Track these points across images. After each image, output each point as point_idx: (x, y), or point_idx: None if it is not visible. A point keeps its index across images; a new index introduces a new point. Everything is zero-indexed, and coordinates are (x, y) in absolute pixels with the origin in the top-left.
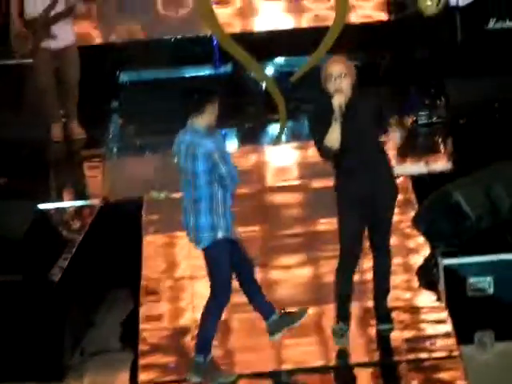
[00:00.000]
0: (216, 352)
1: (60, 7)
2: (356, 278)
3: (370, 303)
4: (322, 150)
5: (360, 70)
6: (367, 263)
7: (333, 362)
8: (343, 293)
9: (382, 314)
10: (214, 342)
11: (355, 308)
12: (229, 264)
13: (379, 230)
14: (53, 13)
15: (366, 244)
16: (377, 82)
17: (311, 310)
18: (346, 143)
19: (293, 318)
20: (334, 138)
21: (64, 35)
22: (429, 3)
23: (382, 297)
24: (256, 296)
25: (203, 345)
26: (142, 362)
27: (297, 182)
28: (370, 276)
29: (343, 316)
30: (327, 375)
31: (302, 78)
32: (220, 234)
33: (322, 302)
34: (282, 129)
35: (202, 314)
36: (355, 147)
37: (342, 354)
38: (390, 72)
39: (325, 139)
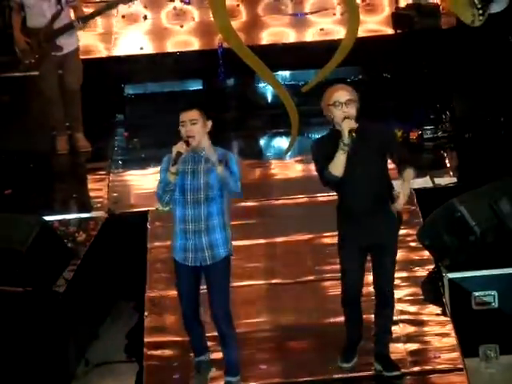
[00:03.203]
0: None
1: (64, 20)
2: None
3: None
4: (326, 178)
5: (366, 84)
6: None
7: (337, 375)
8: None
9: (387, 361)
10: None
11: None
12: None
13: (382, 269)
14: (56, 25)
15: None
16: (383, 96)
17: (315, 323)
18: (350, 172)
19: None
20: (338, 165)
21: (67, 43)
22: (472, 16)
23: (384, 342)
24: None
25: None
26: (146, 373)
27: (301, 196)
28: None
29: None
30: None
31: (309, 91)
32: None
33: (326, 316)
34: (293, 139)
35: None
36: (359, 178)
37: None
38: (396, 86)
39: (329, 167)
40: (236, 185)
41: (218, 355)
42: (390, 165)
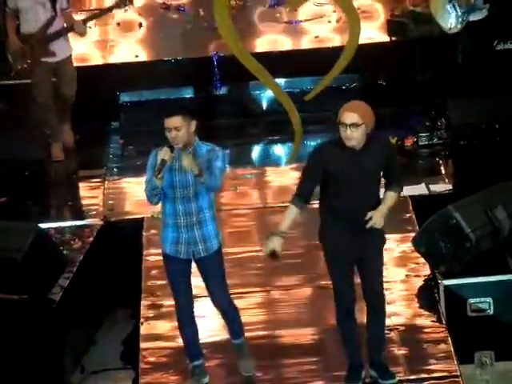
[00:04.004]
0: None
1: (57, 25)
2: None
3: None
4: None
5: (361, 91)
6: None
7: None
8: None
9: (382, 368)
10: None
11: None
12: None
13: (370, 278)
14: (50, 31)
15: None
16: (378, 103)
17: (312, 331)
18: (344, 185)
19: None
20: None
21: (61, 49)
22: (451, 23)
23: (378, 349)
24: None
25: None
26: (142, 380)
27: None
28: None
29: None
30: None
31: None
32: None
33: (322, 323)
34: (297, 146)
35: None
36: (353, 191)
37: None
38: (391, 93)
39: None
40: (216, 182)
41: (213, 362)
42: None
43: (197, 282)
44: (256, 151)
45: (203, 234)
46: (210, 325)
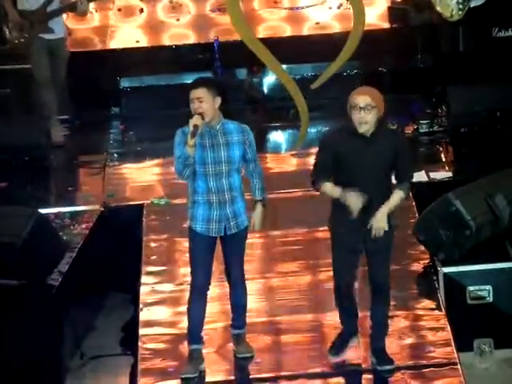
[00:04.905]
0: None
1: (54, 5)
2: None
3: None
4: (317, 190)
5: (362, 78)
6: None
7: (331, 369)
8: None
9: (381, 355)
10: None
11: None
12: None
13: (377, 266)
14: (50, 8)
15: None
16: (379, 90)
17: (310, 317)
18: (353, 173)
19: None
20: (328, 194)
21: (58, 28)
22: (451, 9)
23: (379, 336)
24: None
25: None
26: (141, 366)
27: (297, 190)
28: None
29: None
30: (326, 381)
31: (306, 86)
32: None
33: (322, 311)
34: (303, 132)
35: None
36: (362, 180)
37: (341, 361)
38: (392, 80)
39: (323, 187)
40: (260, 170)
41: (211, 349)
42: None
43: None
44: (256, 137)
45: (234, 210)
46: (209, 311)
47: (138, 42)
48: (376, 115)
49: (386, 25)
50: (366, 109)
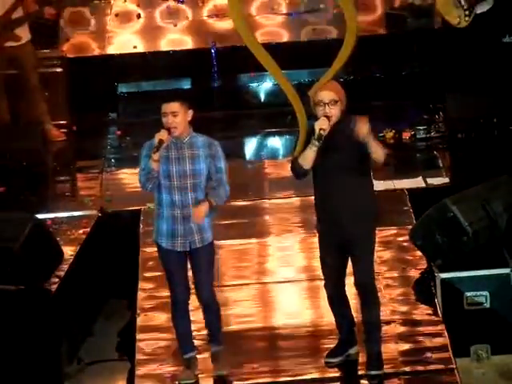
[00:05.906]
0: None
1: (19, 12)
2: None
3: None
4: (294, 168)
5: (359, 84)
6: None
7: (329, 374)
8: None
9: (371, 359)
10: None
11: None
12: None
13: (358, 265)
14: (14, 16)
15: None
16: (375, 96)
17: (307, 323)
18: (323, 167)
19: None
20: (307, 157)
21: (23, 34)
22: (458, 17)
23: (370, 340)
24: None
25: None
26: (138, 371)
27: (294, 195)
28: None
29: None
30: None
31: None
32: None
33: (318, 316)
34: (302, 138)
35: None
36: (333, 173)
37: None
38: (389, 86)
39: (299, 157)
40: (226, 190)
41: (207, 354)
42: None
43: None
44: (253, 143)
45: (199, 225)
46: (201, 317)
47: (135, 47)
48: (340, 108)
49: (383, 30)
50: (330, 104)
